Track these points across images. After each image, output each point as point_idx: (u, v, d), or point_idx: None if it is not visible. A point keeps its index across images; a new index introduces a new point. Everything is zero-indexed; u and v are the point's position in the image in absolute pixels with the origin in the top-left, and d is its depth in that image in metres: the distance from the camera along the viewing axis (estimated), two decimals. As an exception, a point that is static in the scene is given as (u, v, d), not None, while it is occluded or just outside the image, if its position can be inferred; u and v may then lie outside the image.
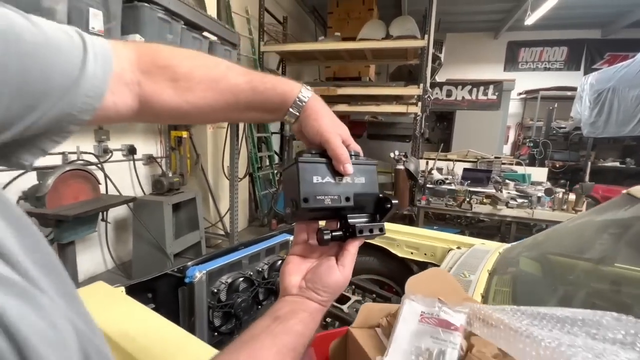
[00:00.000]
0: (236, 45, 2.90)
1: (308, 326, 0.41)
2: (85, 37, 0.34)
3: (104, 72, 0.34)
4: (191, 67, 0.43)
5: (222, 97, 0.44)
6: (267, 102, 0.47)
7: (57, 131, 0.33)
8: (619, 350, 0.37)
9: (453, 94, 5.82)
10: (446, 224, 3.02)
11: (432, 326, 0.49)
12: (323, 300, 0.43)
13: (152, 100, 0.41)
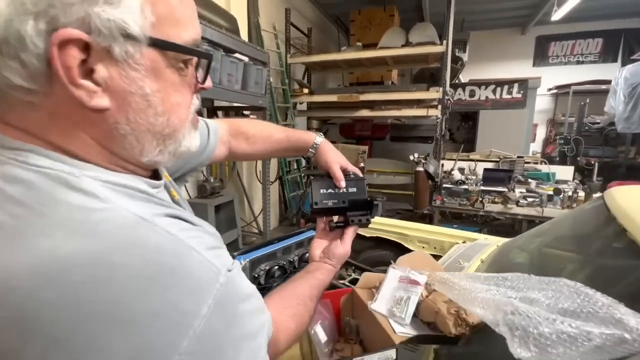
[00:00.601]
0: (266, 63, 3.25)
1: (325, 277, 0.68)
2: (208, 122, 0.66)
3: (215, 140, 0.70)
4: (255, 130, 0.80)
5: (271, 145, 0.81)
6: (297, 146, 0.82)
7: (193, 172, 0.68)
8: (509, 291, 0.61)
9: (476, 94, 5.82)
10: (463, 223, 3.16)
11: (405, 283, 0.75)
12: (333, 264, 0.70)
13: (235, 150, 0.77)
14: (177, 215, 0.37)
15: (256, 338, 0.40)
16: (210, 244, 0.37)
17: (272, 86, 4.17)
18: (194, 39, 0.38)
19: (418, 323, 0.69)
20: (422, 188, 3.44)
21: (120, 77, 0.33)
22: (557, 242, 1.31)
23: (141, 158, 0.38)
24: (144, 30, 0.33)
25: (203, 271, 0.34)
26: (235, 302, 0.37)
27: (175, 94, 0.38)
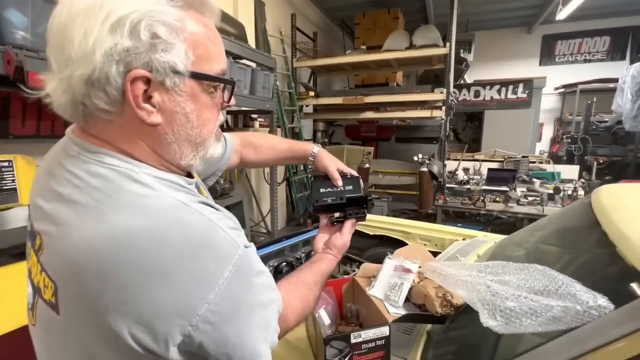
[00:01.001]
0: (273, 68, 3.36)
1: (327, 266, 0.76)
2: (224, 134, 0.80)
3: (230, 150, 0.86)
4: (262, 142, 0.95)
5: (276, 154, 0.96)
6: (298, 155, 0.95)
7: (213, 177, 0.85)
8: (488, 276, 0.69)
9: (481, 94, 5.84)
10: (466, 222, 3.21)
11: (399, 272, 0.84)
12: (334, 253, 0.79)
13: (245, 159, 0.93)
14: (206, 203, 0.48)
15: (267, 308, 0.50)
16: (231, 225, 0.47)
17: (278, 90, 4.28)
18: (222, 69, 0.50)
19: (410, 305, 0.77)
20: (427, 188, 3.50)
21: (170, 101, 0.46)
22: (550, 239, 1.38)
23: (180, 161, 0.50)
24: (186, 67, 0.45)
25: (226, 244, 0.44)
26: (249, 273, 0.47)
27: (206, 112, 0.50)
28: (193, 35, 0.45)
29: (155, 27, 0.42)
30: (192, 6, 0.46)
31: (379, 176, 4.69)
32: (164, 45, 0.42)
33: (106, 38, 0.40)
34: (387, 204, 4.44)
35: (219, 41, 0.50)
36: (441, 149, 4.26)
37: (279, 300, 0.53)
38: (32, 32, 1.39)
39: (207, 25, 0.48)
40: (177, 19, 0.43)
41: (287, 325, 0.59)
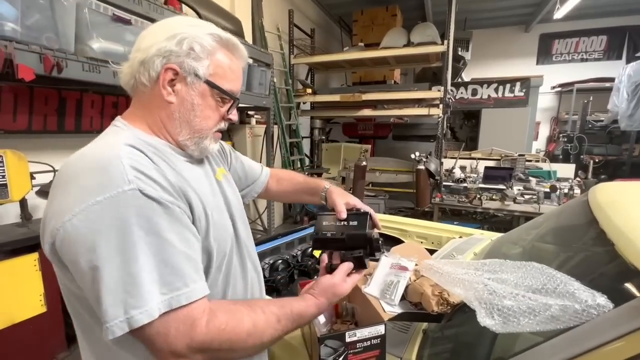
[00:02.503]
0: (270, 65, 3.33)
1: (302, 305, 0.65)
2: (264, 168, 1.05)
3: (266, 177, 1.04)
4: (284, 175, 1.08)
5: (293, 187, 1.06)
6: (312, 187, 1.01)
7: (249, 195, 1.01)
8: (486, 274, 0.68)
9: (479, 92, 5.85)
10: (462, 220, 3.21)
11: (395, 269, 0.83)
12: (314, 293, 0.68)
13: (269, 188, 1.05)
14: (157, 163, 0.58)
15: (141, 270, 0.49)
16: (145, 172, 0.54)
17: (275, 87, 4.25)
18: (230, 89, 0.68)
19: (406, 304, 0.76)
20: (423, 186, 3.50)
21: (185, 92, 0.65)
22: (547, 237, 1.37)
23: (178, 137, 0.67)
24: (205, 75, 0.65)
25: (117, 176, 0.52)
26: (127, 213, 0.50)
27: (208, 111, 0.67)
28: (218, 60, 0.66)
29: (194, 44, 0.63)
30: (227, 45, 0.68)
31: (375, 174, 4.68)
32: (195, 56, 0.63)
33: (162, 42, 0.62)
34: (383, 202, 4.44)
35: (237, 75, 0.70)
36: (438, 147, 4.26)
37: (188, 290, 0.53)
38: (21, 24, 1.35)
39: (232, 61, 0.68)
40: (210, 45, 0.65)
41: (198, 332, 0.53)
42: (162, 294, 0.50)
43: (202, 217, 0.62)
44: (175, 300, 0.51)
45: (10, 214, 1.90)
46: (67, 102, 2.18)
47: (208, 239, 0.63)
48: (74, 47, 1.57)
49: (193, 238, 0.58)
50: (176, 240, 0.54)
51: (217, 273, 0.67)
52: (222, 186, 0.76)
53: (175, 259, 0.53)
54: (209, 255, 0.63)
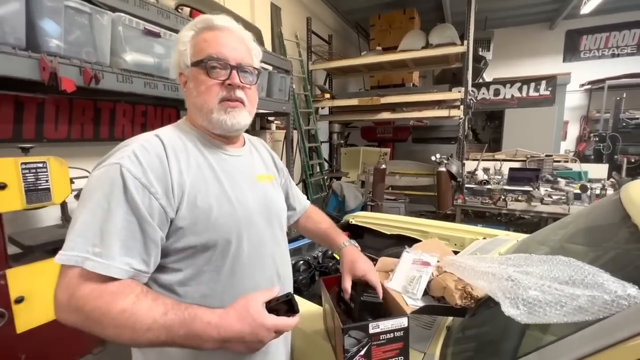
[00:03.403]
0: (289, 71, 3.41)
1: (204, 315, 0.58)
2: (309, 201, 1.13)
3: (305, 207, 1.10)
4: (314, 215, 1.11)
5: (316, 230, 1.08)
6: (330, 238, 1.03)
7: (290, 219, 1.06)
8: (510, 268, 0.68)
9: (501, 92, 5.69)
10: (486, 222, 3.11)
11: (417, 265, 0.83)
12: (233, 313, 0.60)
13: (299, 222, 1.10)
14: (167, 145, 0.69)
15: (83, 214, 0.60)
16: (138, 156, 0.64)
17: (294, 92, 4.33)
18: (209, 54, 0.72)
19: (429, 298, 0.77)
20: (445, 189, 3.43)
21: (187, 82, 0.77)
22: (576, 236, 1.32)
23: (197, 122, 0.77)
24: (190, 61, 0.74)
25: (121, 152, 0.65)
26: (104, 178, 0.62)
27: (202, 87, 0.73)
28: (194, 41, 0.74)
29: (179, 44, 0.75)
30: (204, 26, 0.74)
31: (395, 177, 4.64)
32: (182, 52, 0.75)
33: (174, 58, 0.79)
34: (404, 206, 4.38)
35: (216, 39, 0.73)
36: (460, 148, 4.17)
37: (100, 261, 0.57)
38: (64, 40, 1.48)
39: (206, 33, 0.74)
40: (186, 36, 0.74)
41: (80, 292, 0.56)
42: (85, 251, 0.57)
43: (198, 201, 0.67)
44: (86, 262, 0.57)
45: (52, 216, 2.04)
46: (102, 112, 2.33)
47: (201, 220, 0.67)
48: (109, 60, 1.69)
49: (135, 223, 0.60)
50: (120, 216, 0.59)
51: (221, 260, 0.70)
52: (263, 188, 0.83)
53: (110, 229, 0.58)
54: (204, 235, 0.68)
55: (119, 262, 0.59)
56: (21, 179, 1.56)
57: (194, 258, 0.68)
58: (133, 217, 0.61)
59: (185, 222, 0.66)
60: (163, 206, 0.63)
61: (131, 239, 0.60)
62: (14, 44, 1.32)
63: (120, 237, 0.59)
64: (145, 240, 0.62)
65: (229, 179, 0.75)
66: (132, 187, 0.60)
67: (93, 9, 1.55)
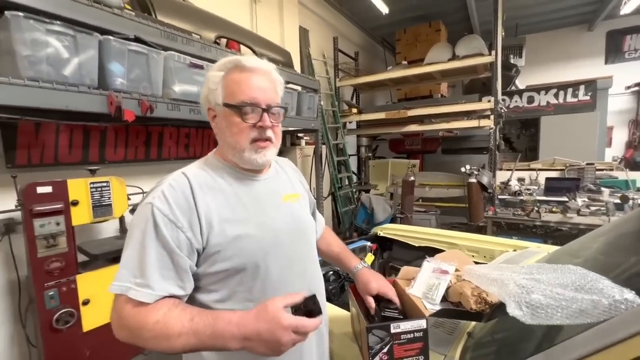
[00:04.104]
0: (317, 90, 3.59)
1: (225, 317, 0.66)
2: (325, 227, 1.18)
3: (322, 229, 1.15)
4: (327, 236, 1.16)
5: (328, 252, 1.13)
6: (343, 262, 1.08)
7: None
8: (521, 275, 0.73)
9: (535, 99, 5.49)
10: (520, 234, 3.00)
11: (437, 273, 0.91)
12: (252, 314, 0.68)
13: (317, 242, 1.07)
14: (193, 181, 0.77)
15: (127, 250, 0.72)
16: (166, 195, 0.73)
17: (322, 109, 4.51)
18: (242, 100, 0.78)
19: (447, 304, 0.83)
20: (476, 200, 3.37)
21: (218, 120, 0.83)
22: (613, 246, 1.29)
23: (229, 156, 0.83)
24: (222, 101, 0.80)
25: (150, 195, 0.74)
26: (141, 217, 0.72)
27: (234, 128, 0.79)
28: (226, 82, 0.80)
29: (209, 82, 0.81)
30: (235, 67, 0.80)
31: (425, 189, 4.61)
32: (212, 90, 0.80)
33: (203, 91, 0.84)
34: (435, 218, 4.33)
35: (246, 84, 0.79)
36: (491, 159, 4.09)
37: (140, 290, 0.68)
38: (127, 78, 1.74)
39: (239, 75, 0.79)
40: (216, 76, 0.80)
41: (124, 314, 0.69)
42: (128, 281, 0.68)
43: (226, 230, 0.74)
44: (128, 291, 0.67)
45: (110, 228, 2.32)
46: (152, 136, 2.62)
47: (229, 247, 0.74)
48: (162, 92, 1.94)
49: (166, 255, 0.69)
50: (153, 250, 0.68)
51: (252, 281, 0.76)
52: (290, 207, 0.88)
53: (146, 262, 0.68)
54: (233, 260, 0.74)
55: (157, 290, 0.68)
56: (89, 196, 1.82)
57: (227, 280, 0.76)
58: (164, 251, 0.69)
59: (215, 250, 0.73)
60: (189, 238, 0.71)
61: (166, 269, 0.69)
62: (89, 84, 1.59)
63: (156, 268, 0.68)
64: (177, 269, 0.70)
65: (255, 204, 0.81)
66: (162, 223, 0.69)
67: (149, 49, 1.80)
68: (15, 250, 1.87)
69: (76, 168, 2.13)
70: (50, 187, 1.71)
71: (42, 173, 2.05)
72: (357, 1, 5.44)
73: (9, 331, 1.98)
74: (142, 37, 1.78)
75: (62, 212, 1.73)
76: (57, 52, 1.45)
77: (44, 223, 1.69)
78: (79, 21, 1.53)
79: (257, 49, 3.03)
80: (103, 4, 1.63)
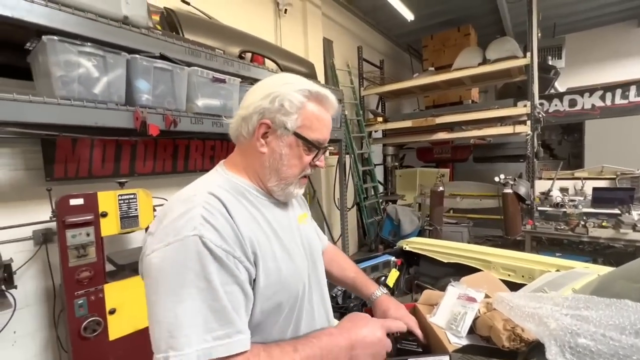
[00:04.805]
0: (341, 100, 3.56)
1: (326, 336, 0.66)
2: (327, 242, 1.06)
3: (325, 245, 1.03)
4: (338, 259, 1.04)
5: (342, 277, 1.02)
6: (359, 290, 0.98)
7: None
8: (564, 310, 0.62)
9: (578, 102, 5.07)
10: (565, 250, 2.70)
11: (462, 300, 0.81)
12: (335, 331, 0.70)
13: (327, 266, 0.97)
14: (226, 203, 0.64)
15: (183, 304, 0.54)
16: (211, 222, 0.59)
17: (346, 119, 4.46)
18: (317, 138, 0.73)
19: (475, 337, 0.73)
20: (513, 212, 3.13)
21: (275, 143, 0.72)
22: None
23: (267, 183, 0.74)
24: (293, 127, 0.71)
25: (188, 222, 0.58)
26: (186, 257, 0.56)
27: (295, 160, 0.73)
28: (307, 112, 0.72)
29: (284, 101, 0.70)
30: (317, 98, 0.73)
31: (456, 199, 4.38)
32: (284, 111, 0.70)
33: (258, 101, 0.71)
34: (467, 230, 4.08)
35: (325, 124, 0.74)
36: (529, 167, 3.80)
37: (229, 341, 0.55)
38: (152, 94, 1.80)
39: (321, 112, 0.74)
40: (298, 101, 0.70)
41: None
42: (204, 341, 0.53)
43: (269, 262, 0.66)
44: (215, 350, 0.53)
45: (137, 239, 2.40)
46: (179, 148, 2.71)
47: (272, 282, 0.66)
48: (185, 106, 1.99)
49: (238, 291, 0.59)
50: (221, 289, 0.56)
51: (290, 314, 0.70)
52: (304, 230, 0.82)
53: (222, 305, 0.55)
54: (275, 298, 0.67)
55: (247, 332, 0.58)
56: (118, 208, 1.89)
57: (265, 324, 0.67)
58: (235, 286, 0.59)
59: (261, 284, 0.64)
60: (247, 269, 0.62)
61: (241, 308, 0.59)
62: (117, 101, 1.66)
63: (235, 309, 0.57)
64: (247, 305, 0.62)
65: (283, 231, 0.74)
66: (222, 255, 0.58)
67: (174, 66, 1.87)
68: (51, 259, 1.98)
69: (108, 180, 2.23)
70: (82, 199, 1.79)
71: (76, 186, 2.16)
72: (381, 10, 5.40)
73: (44, 336, 2.09)
74: (167, 55, 1.85)
75: (92, 223, 1.80)
76: (87, 72, 1.54)
77: (76, 234, 1.77)
78: (109, 42, 1.61)
79: (281, 62, 3.07)
80: (131, 25, 1.72)
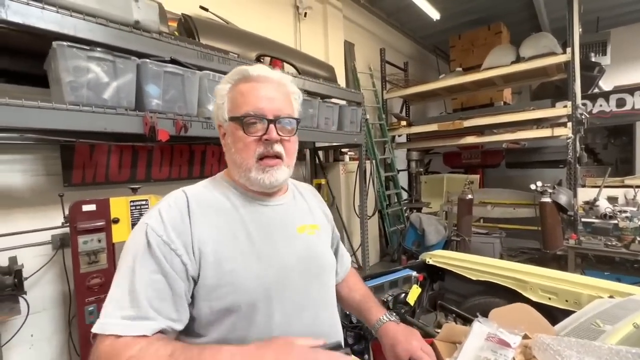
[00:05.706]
0: (361, 103, 3.42)
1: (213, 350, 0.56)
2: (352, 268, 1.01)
3: (346, 271, 0.97)
4: (351, 282, 0.97)
5: (349, 299, 0.94)
6: (363, 314, 0.90)
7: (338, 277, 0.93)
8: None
9: (627, 102, 4.58)
10: (615, 270, 2.35)
11: (492, 343, 0.64)
12: None
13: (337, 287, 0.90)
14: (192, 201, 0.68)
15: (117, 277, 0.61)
16: (163, 215, 0.64)
17: (368, 123, 4.30)
18: (246, 112, 0.69)
19: (509, 394, 0.57)
20: (552, 223, 2.82)
21: (226, 137, 0.74)
22: None
23: (236, 177, 0.74)
24: (228, 115, 0.72)
25: (148, 215, 0.66)
26: (134, 239, 0.64)
27: (239, 143, 0.70)
28: (231, 94, 0.72)
29: (217, 97, 0.74)
30: (243, 78, 0.72)
31: (487, 208, 4.06)
32: (219, 106, 0.73)
33: (214, 107, 0.76)
34: (499, 241, 3.76)
35: (253, 95, 0.71)
36: (570, 173, 3.44)
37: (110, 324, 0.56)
38: (163, 99, 1.77)
39: (243, 86, 0.71)
40: (224, 89, 0.73)
41: None
42: (114, 316, 0.57)
43: (222, 262, 0.64)
44: (115, 327, 0.56)
45: (153, 245, 2.38)
46: (195, 154, 2.69)
47: (224, 282, 0.64)
48: (197, 111, 1.94)
49: (161, 280, 0.60)
50: (141, 274, 0.59)
51: (249, 317, 0.64)
52: (307, 240, 0.76)
53: (136, 289, 0.58)
54: (227, 298, 0.63)
55: (152, 320, 0.58)
56: (129, 214, 1.87)
57: (217, 323, 0.64)
58: (159, 274, 0.60)
59: (209, 282, 0.63)
60: (184, 263, 0.62)
61: (158, 299, 0.59)
62: (126, 106, 1.64)
63: (153, 297, 0.59)
64: (173, 295, 0.61)
65: (262, 232, 0.70)
66: (155, 244, 0.61)
67: (185, 70, 1.83)
68: (67, 263, 2.00)
69: (124, 186, 2.24)
70: (95, 205, 1.78)
71: (93, 191, 2.18)
72: (405, 10, 5.22)
73: (61, 339, 2.10)
74: (178, 59, 1.81)
75: (104, 229, 1.78)
76: (97, 77, 1.52)
77: (87, 240, 1.76)
78: (119, 47, 1.59)
79: (300, 65, 2.99)
80: (143, 29, 1.70)
